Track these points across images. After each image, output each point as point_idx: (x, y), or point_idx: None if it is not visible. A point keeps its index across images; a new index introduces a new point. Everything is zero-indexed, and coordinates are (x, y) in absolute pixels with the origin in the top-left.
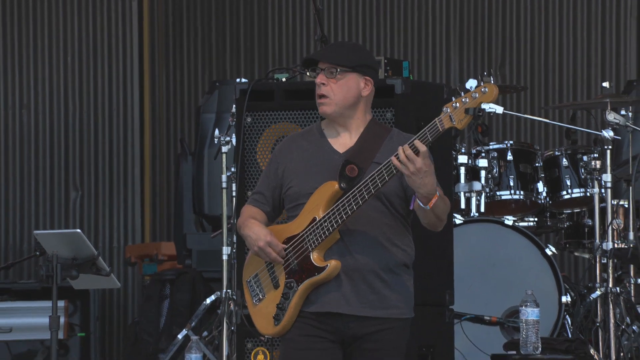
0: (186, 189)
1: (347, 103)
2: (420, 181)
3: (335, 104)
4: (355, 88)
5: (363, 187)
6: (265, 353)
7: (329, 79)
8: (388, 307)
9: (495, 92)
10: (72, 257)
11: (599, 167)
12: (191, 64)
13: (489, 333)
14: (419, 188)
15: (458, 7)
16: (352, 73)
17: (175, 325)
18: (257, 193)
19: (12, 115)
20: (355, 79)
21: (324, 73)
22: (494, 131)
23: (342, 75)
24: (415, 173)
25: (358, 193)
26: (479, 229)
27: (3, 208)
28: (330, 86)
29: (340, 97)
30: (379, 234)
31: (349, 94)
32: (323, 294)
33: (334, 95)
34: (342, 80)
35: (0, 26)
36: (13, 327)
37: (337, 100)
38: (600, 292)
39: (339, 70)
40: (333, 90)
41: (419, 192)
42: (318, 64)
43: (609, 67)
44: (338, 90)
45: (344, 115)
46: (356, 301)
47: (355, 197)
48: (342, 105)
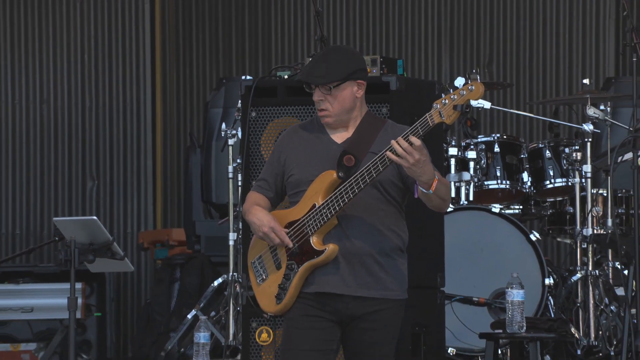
0: (195, 179)
1: (345, 110)
2: (420, 171)
3: (335, 115)
4: (350, 95)
5: (359, 176)
6: (269, 331)
7: (326, 94)
8: (384, 288)
9: (481, 90)
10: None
11: (580, 158)
12: (200, 62)
13: (478, 313)
14: (419, 177)
15: (449, 10)
16: (345, 83)
17: (185, 306)
18: (261, 180)
19: (33, 110)
20: (349, 87)
21: (320, 90)
22: (482, 125)
23: (337, 88)
24: (414, 164)
25: (355, 182)
26: (468, 216)
27: (25, 197)
28: (328, 100)
29: (338, 108)
30: (375, 220)
31: (345, 103)
32: (322, 276)
33: (332, 108)
34: (338, 92)
35: (23, 28)
36: (34, 307)
37: (336, 111)
38: (581, 275)
39: (332, 87)
40: (331, 104)
41: (420, 180)
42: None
43: (589, 65)
44: (335, 103)
45: (344, 119)
46: (354, 283)
47: (352, 185)
48: (341, 114)
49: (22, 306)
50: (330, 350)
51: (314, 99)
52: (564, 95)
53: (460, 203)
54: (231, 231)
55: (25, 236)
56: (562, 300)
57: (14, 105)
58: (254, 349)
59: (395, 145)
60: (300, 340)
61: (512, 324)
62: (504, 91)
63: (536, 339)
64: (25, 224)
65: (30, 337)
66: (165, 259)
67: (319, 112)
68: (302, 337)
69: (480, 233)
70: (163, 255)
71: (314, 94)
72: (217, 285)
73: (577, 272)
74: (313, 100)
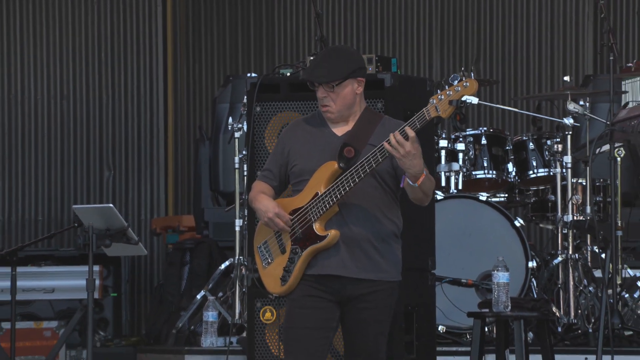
0: (204, 169)
1: (347, 106)
2: (409, 162)
3: (338, 111)
4: (351, 92)
5: (359, 166)
6: (272, 311)
7: (328, 92)
8: (379, 271)
9: (475, 86)
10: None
11: (561, 150)
12: (208, 60)
13: (466, 294)
14: (408, 169)
15: (439, 12)
16: (347, 80)
17: (194, 287)
18: (266, 170)
19: (54, 104)
20: (350, 84)
21: (323, 87)
22: (470, 119)
23: (339, 86)
24: (405, 156)
25: (355, 172)
26: (457, 204)
27: (46, 185)
28: (331, 97)
29: (340, 104)
30: (372, 207)
31: (346, 100)
32: (323, 259)
33: (334, 104)
34: (339, 90)
35: (45, 29)
36: (55, 288)
37: (338, 107)
38: (562, 258)
39: (334, 85)
40: (334, 101)
41: (409, 172)
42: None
43: (570, 63)
44: (338, 100)
45: (345, 114)
46: (352, 265)
47: (352, 175)
48: (343, 110)
49: (44, 287)
50: (330, 328)
51: (318, 95)
52: (546, 92)
53: (450, 192)
54: (237, 218)
55: (47, 222)
56: (544, 281)
57: (37, 101)
58: (258, 327)
59: (391, 137)
60: (302, 319)
61: (497, 304)
62: (490, 87)
63: (520, 318)
64: (47, 211)
65: (52, 316)
66: (176, 244)
67: (322, 108)
68: (304, 316)
69: (468, 219)
70: (174, 240)
71: (318, 91)
72: (224, 268)
73: (558, 256)
74: (317, 97)
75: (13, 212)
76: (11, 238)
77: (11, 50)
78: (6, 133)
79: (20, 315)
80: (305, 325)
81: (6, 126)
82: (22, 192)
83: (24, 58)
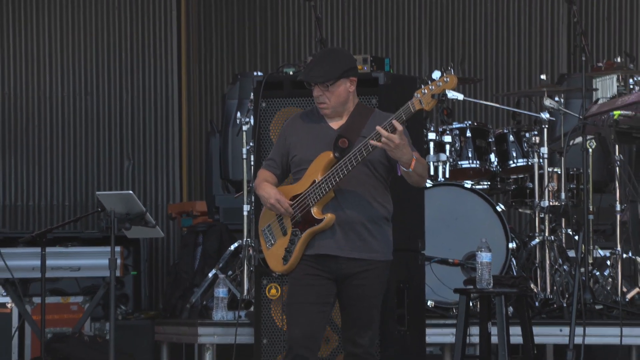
0: (214, 159)
1: (341, 103)
2: (400, 153)
3: (332, 107)
4: (344, 90)
5: (352, 156)
6: (277, 288)
7: (324, 91)
8: (371, 251)
9: (455, 81)
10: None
11: (538, 142)
12: (218, 60)
13: (452, 272)
14: (400, 158)
15: (428, 16)
16: (340, 80)
17: (206, 266)
18: (269, 159)
19: (79, 100)
20: (344, 83)
21: (319, 87)
22: (456, 114)
23: (333, 85)
24: (396, 148)
25: (348, 161)
26: (445, 191)
27: (72, 174)
28: (326, 95)
29: (335, 101)
30: (365, 193)
31: (341, 97)
32: (321, 240)
33: (329, 102)
34: (334, 88)
35: (71, 32)
36: (81, 267)
37: (333, 104)
38: (539, 240)
39: (329, 84)
40: (329, 98)
41: (401, 161)
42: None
43: (546, 63)
44: (333, 97)
45: (339, 110)
46: (347, 246)
47: (346, 164)
48: (337, 106)
49: (71, 266)
50: (328, 302)
51: (314, 94)
52: (525, 89)
53: (438, 180)
54: (245, 203)
55: (73, 207)
56: (522, 261)
57: (63, 97)
58: (264, 302)
59: (380, 130)
60: (303, 295)
61: (481, 281)
62: (474, 85)
63: (501, 294)
64: (73, 197)
65: (78, 292)
66: (190, 227)
67: (318, 105)
68: (305, 292)
69: (454, 205)
70: (188, 224)
71: (314, 90)
72: (234, 248)
73: (535, 238)
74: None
75: (42, 198)
76: (41, 221)
77: (40, 53)
78: (36, 127)
79: (50, 291)
80: (305, 301)
81: (36, 120)
82: (51, 180)
83: (52, 59)
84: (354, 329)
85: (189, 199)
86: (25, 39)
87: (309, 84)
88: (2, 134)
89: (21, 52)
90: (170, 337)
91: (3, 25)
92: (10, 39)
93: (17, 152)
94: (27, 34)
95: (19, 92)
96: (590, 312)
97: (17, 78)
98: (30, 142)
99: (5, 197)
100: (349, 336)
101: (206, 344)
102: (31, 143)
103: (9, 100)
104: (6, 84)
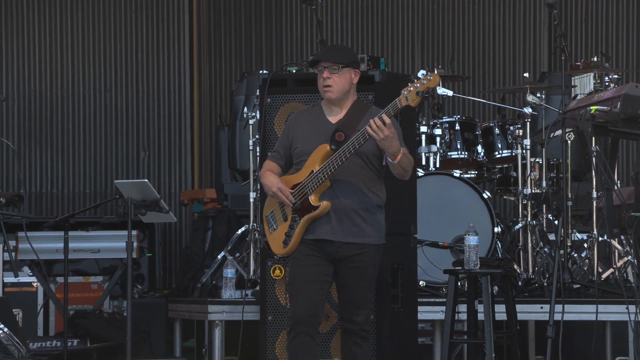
0: (223, 150)
1: (345, 89)
2: (388, 144)
3: (338, 91)
4: (349, 78)
5: (346, 148)
6: (281, 269)
7: (332, 74)
8: (364, 236)
9: (437, 79)
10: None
11: (521, 134)
12: (227, 59)
13: (442, 254)
14: (387, 149)
15: (420, 19)
16: (347, 67)
17: (216, 249)
18: (274, 151)
19: (100, 96)
20: (349, 72)
21: (328, 70)
22: (446, 108)
23: (341, 70)
24: (384, 138)
25: (342, 153)
26: (435, 180)
27: (92, 164)
28: (333, 79)
29: (341, 86)
30: (359, 183)
31: (346, 83)
32: (318, 226)
33: (336, 85)
34: (342, 74)
35: (91, 35)
36: (100, 249)
37: (339, 88)
38: (522, 224)
39: (340, 67)
40: (335, 82)
41: (388, 152)
42: (321, 63)
43: (529, 62)
44: (339, 81)
45: (341, 98)
46: (341, 231)
47: (340, 156)
48: (341, 92)
49: (91, 248)
50: (326, 281)
51: (324, 75)
52: (509, 86)
53: (429, 169)
54: (251, 191)
55: (93, 194)
56: (507, 244)
57: (85, 93)
58: (269, 282)
59: (371, 122)
60: (303, 274)
61: (469, 263)
62: (463, 82)
63: (487, 274)
64: (93, 185)
65: (97, 272)
66: (200, 212)
67: (324, 89)
68: (305, 271)
69: (444, 192)
70: (199, 210)
71: (323, 73)
72: (241, 232)
73: (519, 222)
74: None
75: (65, 186)
76: (64, 207)
77: (64, 53)
78: (60, 121)
79: (72, 271)
80: (305, 280)
81: (59, 115)
82: (73, 169)
83: (75, 59)
84: (351, 308)
85: (199, 186)
86: (50, 41)
87: (319, 67)
88: (29, 128)
89: (47, 53)
90: (182, 314)
91: (30, 30)
92: (36, 41)
93: (43, 145)
94: (52, 37)
95: (44, 89)
96: (569, 290)
97: (43, 76)
98: (54, 135)
99: (32, 185)
100: (345, 314)
101: (215, 320)
102: (55, 136)
103: (36, 96)
104: (33, 82)
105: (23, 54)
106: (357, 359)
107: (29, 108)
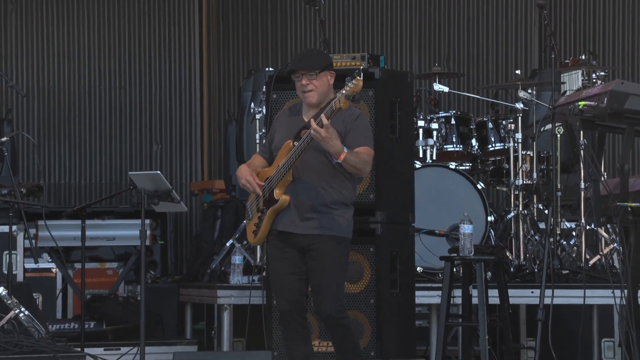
0: (231, 143)
1: (324, 92)
2: (327, 145)
3: (318, 95)
4: (327, 81)
5: (300, 145)
6: None
7: (311, 80)
8: (319, 227)
9: (360, 84)
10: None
11: (513, 128)
12: (235, 56)
13: (439, 242)
14: (328, 149)
15: (418, 18)
16: (323, 72)
17: (224, 237)
18: (263, 145)
19: (115, 93)
20: (326, 75)
21: (306, 76)
22: (442, 104)
23: (319, 75)
24: (323, 140)
25: (297, 150)
26: (432, 171)
27: (108, 157)
28: (313, 83)
29: (320, 89)
30: (320, 179)
31: (325, 86)
32: (282, 218)
33: (316, 89)
34: (319, 78)
35: (107, 34)
36: (115, 237)
37: (319, 92)
38: (514, 214)
39: (317, 73)
40: (315, 86)
41: (330, 152)
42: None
43: (520, 59)
44: (319, 85)
45: (321, 100)
46: (300, 224)
47: (297, 151)
48: (321, 94)
49: (107, 236)
50: (302, 271)
51: (301, 84)
52: (502, 82)
53: (426, 162)
54: None
55: (108, 185)
56: (500, 232)
57: (100, 90)
58: None
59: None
60: (279, 269)
61: (463, 250)
62: (458, 79)
63: (481, 261)
64: (109, 176)
65: (113, 258)
66: (210, 202)
67: (305, 94)
68: (280, 265)
69: (440, 183)
70: (208, 200)
71: (302, 80)
72: None
73: (511, 212)
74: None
75: (82, 177)
76: (81, 197)
77: (81, 51)
78: (77, 116)
79: (89, 257)
80: (283, 273)
81: (77, 110)
82: (90, 161)
83: (91, 57)
84: (317, 297)
85: (209, 178)
86: (68, 40)
87: (295, 75)
88: (49, 122)
89: (65, 52)
90: (193, 298)
91: (49, 30)
92: (55, 41)
93: (61, 138)
94: (70, 37)
95: (63, 85)
96: (558, 276)
97: (62, 73)
98: (72, 129)
99: (51, 176)
100: (314, 303)
101: (224, 304)
102: (73, 130)
103: (55, 93)
104: (52, 79)
105: (43, 53)
106: (335, 345)
107: (48, 104)
